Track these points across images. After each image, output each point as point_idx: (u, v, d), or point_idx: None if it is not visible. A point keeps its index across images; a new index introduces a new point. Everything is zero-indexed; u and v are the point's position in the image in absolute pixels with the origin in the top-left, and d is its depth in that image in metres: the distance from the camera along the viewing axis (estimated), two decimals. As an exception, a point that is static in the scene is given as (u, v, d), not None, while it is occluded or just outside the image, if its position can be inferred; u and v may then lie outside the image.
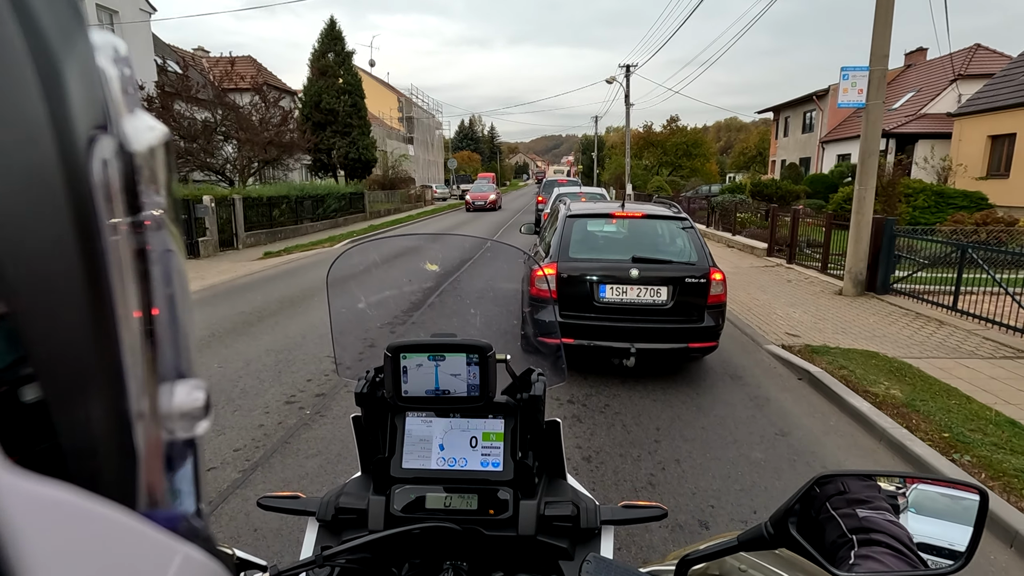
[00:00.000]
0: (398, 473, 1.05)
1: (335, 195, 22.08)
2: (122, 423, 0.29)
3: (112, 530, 0.27)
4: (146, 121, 0.34)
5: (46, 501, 0.23)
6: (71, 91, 0.27)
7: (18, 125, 0.24)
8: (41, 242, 0.25)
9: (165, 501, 0.33)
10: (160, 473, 0.32)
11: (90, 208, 0.27)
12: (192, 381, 0.36)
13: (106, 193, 0.28)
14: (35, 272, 0.24)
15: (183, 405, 0.34)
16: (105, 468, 0.28)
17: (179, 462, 0.35)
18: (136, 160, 0.31)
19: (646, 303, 4.89)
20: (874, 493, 0.80)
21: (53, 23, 0.26)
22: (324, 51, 26.99)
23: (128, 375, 0.29)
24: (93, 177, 0.27)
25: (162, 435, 0.33)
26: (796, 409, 4.70)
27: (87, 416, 0.27)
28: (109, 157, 0.29)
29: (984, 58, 23.38)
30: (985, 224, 12.81)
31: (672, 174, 39.67)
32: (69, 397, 0.26)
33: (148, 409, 0.31)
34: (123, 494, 0.29)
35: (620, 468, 3.65)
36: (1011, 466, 3.52)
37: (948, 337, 6.56)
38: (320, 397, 4.73)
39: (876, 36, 8.28)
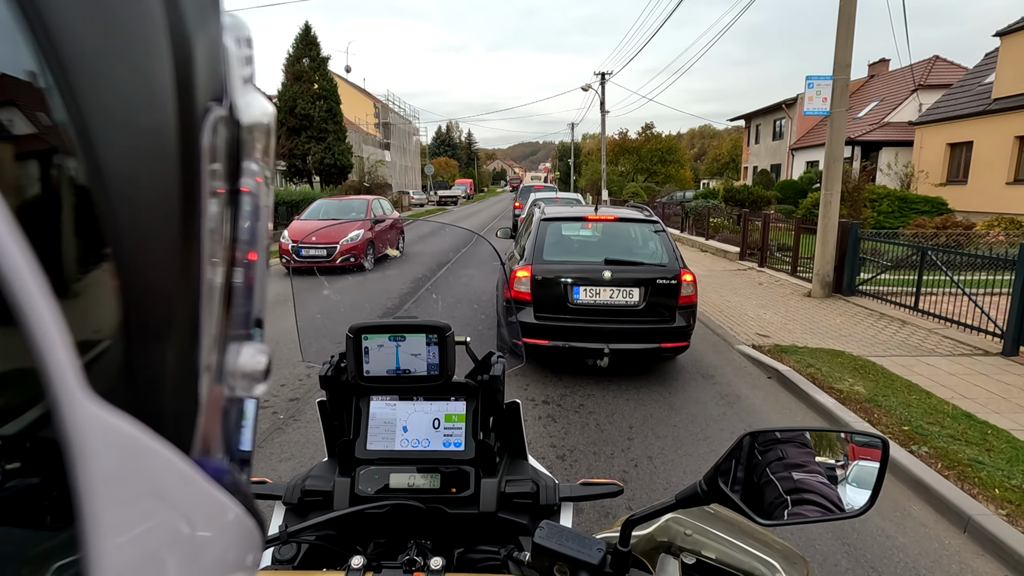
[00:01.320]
0: (363, 455, 1.08)
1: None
2: (191, 372, 0.31)
3: (166, 468, 0.29)
4: (258, 99, 0.36)
5: (114, 430, 0.26)
6: (197, 64, 0.29)
7: (148, 88, 0.27)
8: (150, 195, 0.27)
9: (216, 453, 0.35)
10: (217, 425, 0.34)
11: (196, 172, 0.29)
12: (257, 344, 0.38)
13: (212, 160, 0.30)
14: (140, 221, 0.27)
15: (246, 365, 0.36)
16: (169, 411, 0.30)
17: (235, 420, 0.37)
18: (243, 133, 0.34)
19: (619, 304, 4.97)
20: (809, 459, 0.86)
21: (191, 1, 0.29)
22: (299, 56, 26.77)
23: (203, 330, 0.31)
24: (203, 143, 0.30)
25: (224, 391, 0.35)
26: (765, 406, 4.82)
27: (161, 360, 0.29)
28: (220, 127, 0.31)
29: (943, 69, 24.35)
30: (945, 228, 13.30)
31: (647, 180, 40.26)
32: (148, 339, 0.28)
33: (215, 364, 0.33)
34: (181, 438, 0.31)
35: (593, 465, 3.70)
36: (965, 456, 3.67)
37: (910, 336, 6.79)
38: (293, 402, 4.69)
39: (839, 47, 8.58)
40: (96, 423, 0.25)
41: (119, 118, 0.26)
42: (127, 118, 0.26)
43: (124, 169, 0.26)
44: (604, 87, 29.86)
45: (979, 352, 6.12)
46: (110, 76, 0.25)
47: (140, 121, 0.26)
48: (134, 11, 0.26)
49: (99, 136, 0.25)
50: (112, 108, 0.25)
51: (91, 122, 0.25)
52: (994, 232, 12.84)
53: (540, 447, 3.90)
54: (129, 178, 0.26)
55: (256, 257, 0.38)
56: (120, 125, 0.26)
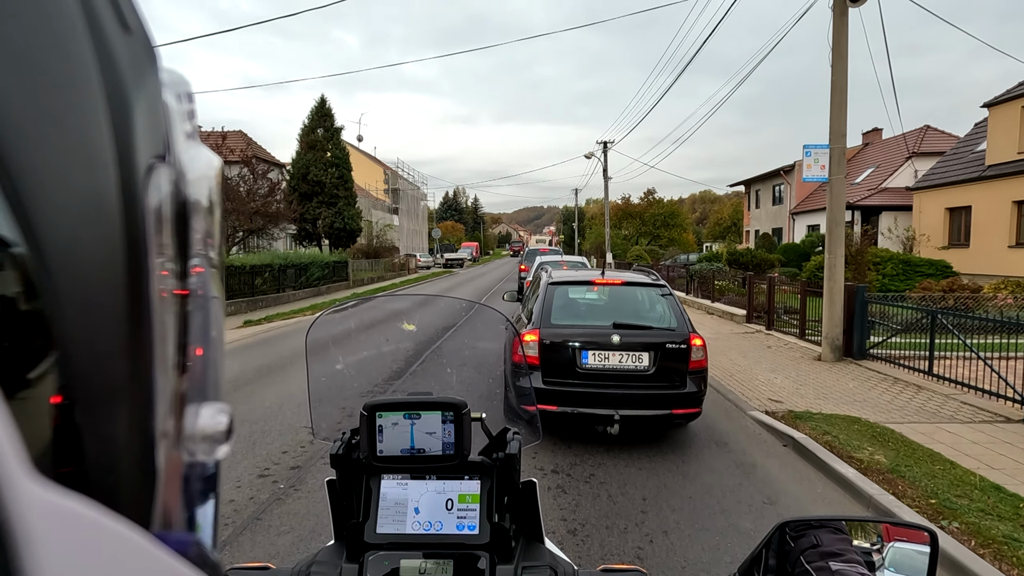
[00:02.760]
0: (372, 539, 1.02)
1: (319, 263, 22.18)
2: (146, 441, 0.29)
3: (124, 548, 0.27)
4: (203, 152, 0.35)
5: (63, 512, 0.24)
6: (137, 122, 0.28)
7: (85, 149, 0.26)
8: (92, 259, 0.26)
9: (179, 524, 0.32)
10: (177, 495, 0.32)
11: (141, 233, 0.28)
12: (216, 404, 0.36)
13: (158, 220, 0.29)
14: (81, 286, 0.25)
15: (206, 428, 0.34)
16: (124, 485, 0.28)
17: (196, 488, 0.35)
18: (188, 190, 0.33)
19: (628, 369, 4.90)
20: (846, 546, 0.81)
21: (128, 59, 0.28)
22: (314, 127, 28.00)
23: (157, 394, 0.30)
24: (148, 203, 0.29)
25: (183, 456, 0.33)
26: (782, 476, 4.64)
27: (113, 431, 0.27)
28: (164, 187, 0.30)
29: (934, 138, 25.14)
30: (952, 291, 13.28)
31: (651, 243, 40.84)
32: (97, 411, 0.27)
33: (172, 429, 0.31)
34: (139, 513, 0.29)
35: (607, 541, 3.52)
36: (999, 532, 3.48)
37: (927, 402, 6.62)
38: (295, 470, 4.55)
39: (833, 118, 8.91)
40: (42, 507, 0.23)
41: (54, 181, 0.25)
42: (64, 180, 0.25)
43: (62, 232, 0.25)
44: (607, 155, 30.88)
45: (1000, 419, 5.94)
46: (43, 139, 0.25)
47: (78, 183, 0.25)
48: (67, 72, 0.26)
49: (33, 200, 0.24)
50: (46, 171, 0.24)
51: (23, 185, 0.23)
52: (1002, 295, 12.79)
53: (551, 521, 3.73)
54: (67, 242, 0.25)
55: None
56: (56, 188, 0.25)
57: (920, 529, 0.85)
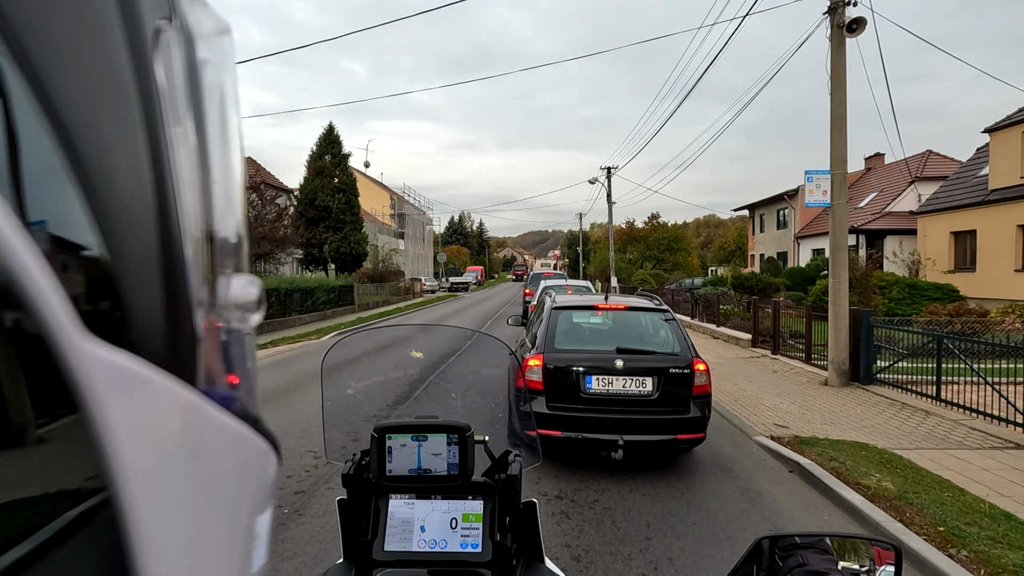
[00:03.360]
0: (380, 556, 1.06)
1: (325, 288, 22.32)
2: (184, 307, 0.31)
3: (174, 399, 0.29)
4: (211, 12, 0.36)
5: (118, 368, 0.26)
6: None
7: (89, 14, 0.26)
8: (110, 127, 0.27)
9: (221, 383, 0.35)
10: (217, 356, 0.34)
11: (154, 96, 0.29)
12: (246, 276, 0.38)
13: (170, 87, 0.30)
14: (104, 153, 0.26)
15: (239, 297, 0.37)
16: (169, 346, 0.30)
17: (234, 352, 0.37)
18: (198, 50, 0.33)
19: (632, 394, 4.91)
20: (832, 566, 0.84)
21: None
22: (322, 153, 28.48)
23: (190, 266, 0.32)
24: (157, 66, 0.29)
25: (220, 322, 0.35)
26: (789, 503, 4.59)
27: (153, 297, 0.29)
28: (172, 48, 0.30)
29: (937, 162, 25.28)
30: (959, 315, 13.20)
31: (655, 267, 40.88)
32: (138, 279, 0.28)
33: (207, 297, 0.34)
34: (184, 371, 0.31)
35: (611, 568, 3.49)
36: (1010, 561, 3.43)
37: (935, 427, 6.56)
38: (300, 495, 4.54)
39: (833, 144, 9.03)
40: (100, 363, 0.24)
41: (66, 49, 0.25)
42: (74, 48, 0.25)
43: (73, 90, 0.25)
44: (610, 180, 31.17)
45: (1011, 445, 5.87)
46: (50, 5, 0.25)
47: (88, 49, 0.26)
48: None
49: (47, 69, 0.24)
50: (56, 39, 0.25)
51: (36, 56, 0.24)
52: (1010, 319, 12.70)
53: (554, 547, 3.71)
54: (79, 100, 0.25)
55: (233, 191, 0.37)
56: (64, 48, 0.25)
57: (885, 543, 0.88)
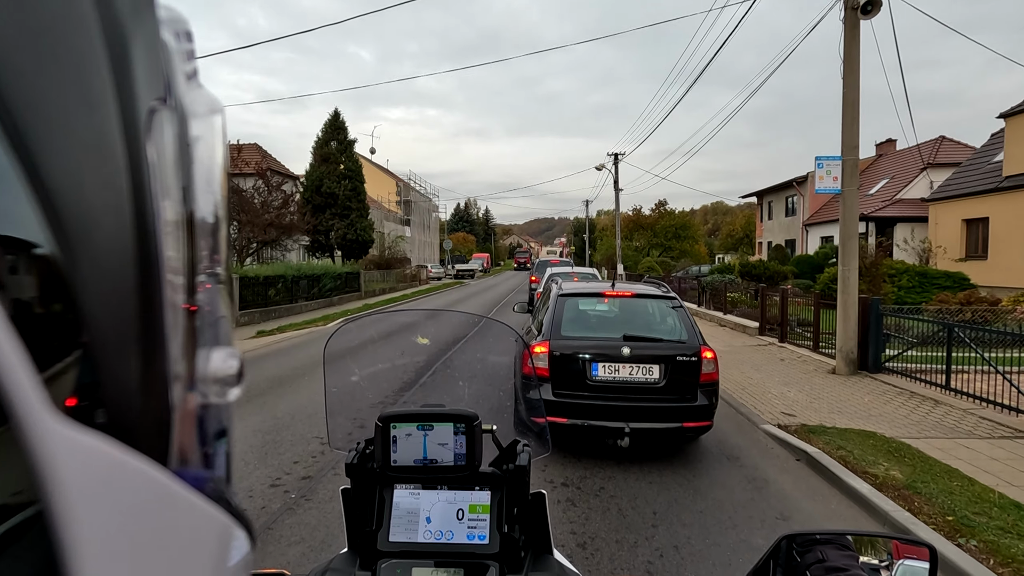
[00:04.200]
0: (385, 547, 1.05)
1: (331, 275, 22.38)
2: (160, 382, 0.30)
3: (143, 481, 0.28)
4: (204, 94, 0.35)
5: (85, 447, 0.25)
6: (135, 62, 0.28)
7: (85, 89, 0.26)
8: (99, 203, 0.26)
9: (195, 462, 0.33)
10: (192, 434, 0.33)
11: (146, 177, 0.28)
12: (227, 349, 0.37)
13: (162, 165, 0.29)
14: (91, 230, 0.26)
15: (218, 370, 0.35)
16: (141, 423, 0.29)
17: (211, 428, 0.36)
18: (190, 131, 0.32)
19: (639, 381, 4.89)
20: (851, 562, 0.82)
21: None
22: (327, 140, 28.39)
23: (169, 337, 0.30)
24: (151, 147, 0.29)
25: (196, 398, 0.34)
26: (796, 492, 4.58)
27: (127, 371, 0.28)
28: (168, 130, 0.30)
29: (950, 148, 24.87)
30: (969, 304, 13.06)
31: (662, 255, 40.67)
32: (112, 352, 0.27)
33: (185, 371, 0.32)
34: (156, 450, 0.30)
35: (616, 555, 3.50)
36: (1020, 551, 3.40)
37: (944, 416, 6.51)
38: (306, 480, 4.57)
39: (845, 129, 8.88)
40: (65, 442, 0.23)
41: (57, 123, 0.25)
42: (66, 122, 0.25)
43: (67, 176, 0.25)
44: (617, 167, 30.94)
45: (1021, 435, 5.82)
46: (43, 80, 0.25)
47: (80, 125, 0.25)
48: (64, 10, 0.26)
49: (37, 142, 0.24)
50: (48, 113, 0.24)
51: (26, 129, 0.24)
52: (1021, 308, 12.55)
53: (560, 534, 3.71)
54: (74, 184, 0.25)
55: (220, 266, 0.37)
56: (59, 130, 0.25)
57: (920, 544, 0.86)
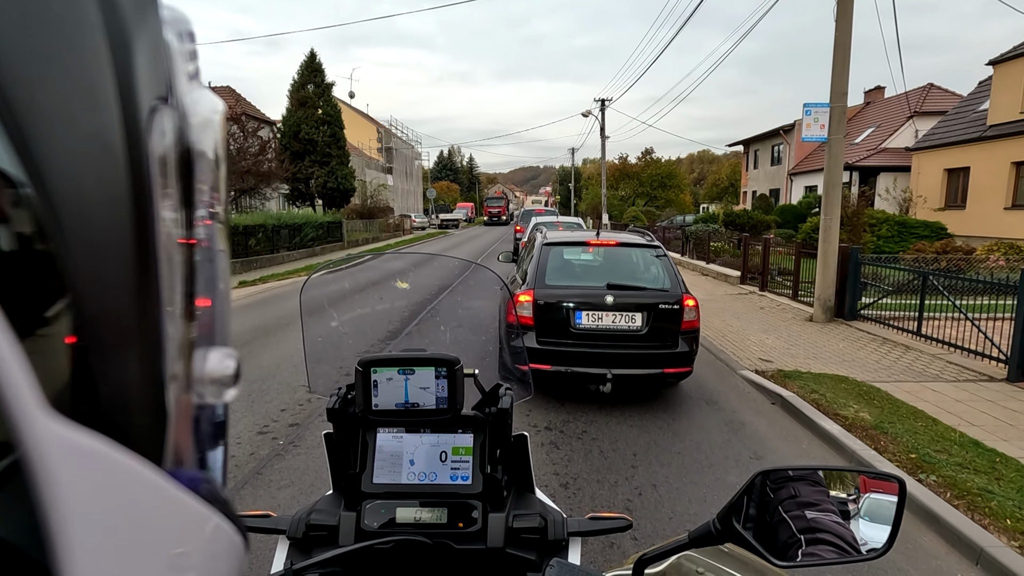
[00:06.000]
0: (369, 488, 1.06)
1: (312, 224, 22.00)
2: (157, 383, 0.30)
3: (137, 482, 0.28)
4: (206, 95, 0.34)
5: (79, 447, 0.24)
6: (138, 62, 0.28)
7: (87, 88, 0.26)
8: (97, 201, 0.26)
9: (190, 463, 0.33)
10: (187, 435, 0.33)
11: (145, 173, 0.28)
12: (224, 349, 0.37)
13: (162, 164, 0.29)
14: (88, 227, 0.25)
15: (215, 371, 0.35)
16: (137, 424, 0.29)
17: (206, 429, 0.36)
18: (192, 134, 0.32)
19: (621, 329, 4.96)
20: (822, 497, 0.85)
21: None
22: (304, 83, 27.25)
23: (166, 338, 0.30)
24: (152, 147, 0.28)
25: (193, 398, 0.33)
26: (770, 433, 4.77)
27: (124, 371, 0.28)
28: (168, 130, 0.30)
29: (937, 96, 24.69)
30: (945, 253, 13.35)
31: (648, 204, 40.57)
32: (109, 351, 0.27)
33: (182, 372, 0.32)
34: (151, 451, 0.29)
35: (597, 494, 3.64)
36: (975, 485, 3.61)
37: (914, 361, 6.76)
38: (294, 427, 4.64)
39: (835, 76, 8.73)
40: (60, 442, 0.23)
41: (59, 122, 0.25)
42: (67, 122, 0.25)
43: (68, 174, 0.25)
44: (604, 113, 30.32)
45: (984, 378, 6.08)
46: (45, 79, 0.24)
47: (82, 124, 0.25)
48: (67, 10, 0.25)
49: (38, 141, 0.24)
50: (50, 112, 0.24)
51: (28, 127, 0.24)
52: (994, 257, 12.87)
53: (543, 475, 3.85)
54: (74, 183, 0.25)
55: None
56: (60, 129, 0.25)
57: (890, 478, 0.89)
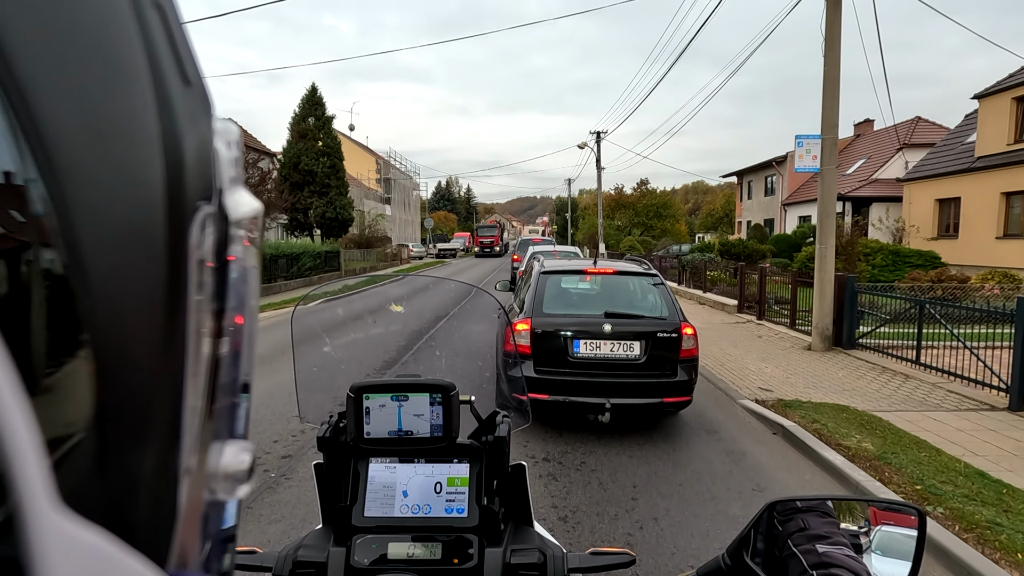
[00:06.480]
0: (360, 522, 1.02)
1: (310, 253, 22.03)
2: (170, 477, 0.29)
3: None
4: (246, 197, 0.36)
5: (82, 546, 0.23)
6: (188, 167, 0.29)
7: (138, 190, 0.27)
8: (134, 292, 0.26)
9: (195, 564, 0.32)
10: (196, 534, 0.31)
11: (183, 270, 0.29)
12: (241, 443, 0.36)
13: (200, 260, 0.30)
14: (121, 317, 0.26)
15: (229, 466, 0.34)
16: (145, 520, 0.28)
17: (215, 527, 0.35)
18: (230, 228, 0.33)
19: (619, 358, 4.92)
20: (833, 529, 0.82)
21: (186, 109, 0.30)
22: (305, 115, 27.70)
23: (185, 430, 0.29)
24: (191, 242, 0.29)
25: (204, 495, 0.32)
26: (772, 463, 4.68)
27: (139, 465, 0.27)
28: (208, 224, 0.31)
29: (925, 129, 25.26)
30: (940, 281, 13.41)
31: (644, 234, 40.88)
32: (125, 443, 0.26)
33: (196, 467, 0.31)
34: (156, 550, 0.28)
35: (597, 527, 3.55)
36: (983, 518, 3.53)
37: (914, 390, 6.70)
38: (286, 459, 4.54)
39: (825, 108, 8.92)
40: (63, 538, 0.22)
41: (106, 216, 0.25)
42: (115, 217, 0.26)
43: (107, 265, 0.25)
44: (599, 145, 30.80)
45: (986, 407, 6.02)
46: (99, 177, 0.25)
47: (128, 220, 0.26)
48: (128, 116, 0.27)
49: (83, 232, 0.24)
50: (99, 207, 0.25)
51: (76, 219, 0.24)
52: (989, 285, 12.93)
53: (542, 508, 3.75)
54: (112, 274, 0.25)
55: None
56: (106, 223, 0.25)
57: (908, 508, 0.85)
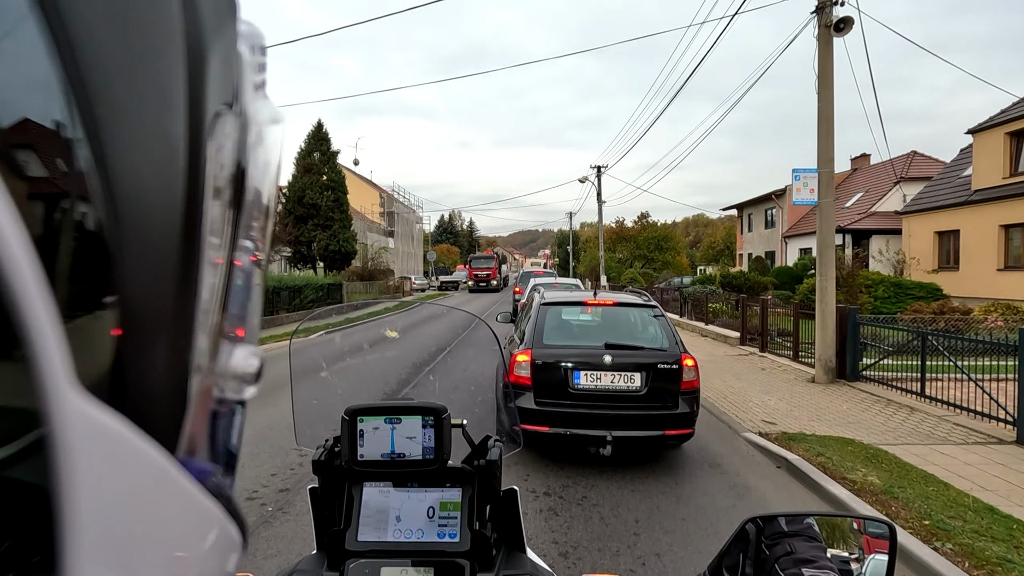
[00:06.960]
0: (353, 546, 1.02)
1: (313, 286, 22.13)
2: (182, 372, 0.31)
3: (148, 466, 0.28)
4: (268, 105, 0.36)
5: (100, 426, 0.25)
6: (210, 69, 0.30)
7: (161, 90, 0.27)
8: (154, 194, 0.27)
9: (202, 454, 0.34)
10: (203, 426, 0.33)
11: (200, 172, 0.29)
12: (250, 347, 0.37)
13: (217, 167, 0.31)
14: (142, 219, 0.27)
15: (238, 367, 0.36)
16: (158, 410, 0.29)
17: (223, 423, 0.36)
18: (250, 138, 0.34)
19: (620, 390, 4.89)
20: (820, 553, 0.82)
21: (210, 7, 0.30)
22: (310, 151, 28.25)
23: (198, 330, 0.31)
24: (210, 149, 0.30)
25: (214, 391, 0.34)
26: (776, 498, 4.60)
27: (154, 359, 0.29)
28: (229, 135, 0.32)
29: (921, 163, 25.61)
30: (942, 313, 13.38)
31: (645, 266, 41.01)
32: (143, 338, 0.28)
33: (207, 364, 0.33)
34: (167, 438, 0.30)
35: (599, 563, 3.47)
36: (993, 554, 3.45)
37: (920, 423, 6.62)
38: (284, 492, 4.48)
39: (821, 143, 9.09)
40: (83, 419, 0.24)
41: (129, 117, 0.26)
42: (137, 117, 0.26)
43: (130, 168, 0.26)
44: (600, 179, 31.23)
45: (993, 440, 5.94)
46: (125, 75, 0.26)
47: (150, 121, 0.27)
48: (153, 14, 0.27)
49: (108, 131, 0.25)
50: (123, 107, 0.26)
51: (100, 118, 0.25)
52: (992, 317, 12.89)
53: (542, 543, 3.68)
54: (134, 174, 0.26)
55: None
56: (129, 123, 0.26)
57: (878, 523, 0.86)
